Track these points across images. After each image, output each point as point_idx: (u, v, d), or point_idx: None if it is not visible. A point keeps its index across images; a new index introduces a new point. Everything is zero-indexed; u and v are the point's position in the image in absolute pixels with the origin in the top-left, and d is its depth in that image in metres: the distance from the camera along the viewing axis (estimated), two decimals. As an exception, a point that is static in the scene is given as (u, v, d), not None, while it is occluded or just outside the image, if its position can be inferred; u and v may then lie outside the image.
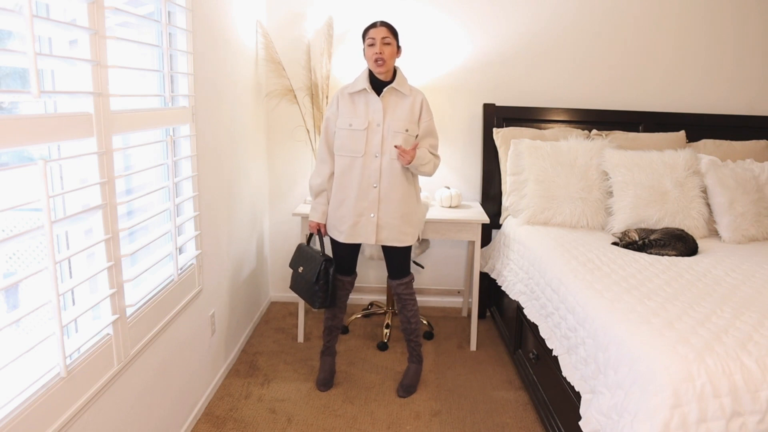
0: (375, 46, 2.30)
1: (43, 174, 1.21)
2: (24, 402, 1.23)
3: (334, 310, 2.63)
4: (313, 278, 2.45)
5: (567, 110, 3.39)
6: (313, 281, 2.45)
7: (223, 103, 2.58)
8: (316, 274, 2.44)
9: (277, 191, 3.61)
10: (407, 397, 2.56)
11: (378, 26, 2.33)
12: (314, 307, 2.50)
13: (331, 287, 2.46)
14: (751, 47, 3.42)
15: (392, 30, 2.35)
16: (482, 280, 3.40)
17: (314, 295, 2.47)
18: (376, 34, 2.30)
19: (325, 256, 2.47)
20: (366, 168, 2.38)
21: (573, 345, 2.00)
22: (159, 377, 1.95)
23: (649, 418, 1.44)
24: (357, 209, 2.41)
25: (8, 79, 1.37)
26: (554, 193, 2.96)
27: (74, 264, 1.56)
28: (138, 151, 1.91)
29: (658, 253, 2.48)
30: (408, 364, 2.67)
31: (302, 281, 2.55)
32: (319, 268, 2.43)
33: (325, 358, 2.70)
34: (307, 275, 2.50)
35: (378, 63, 2.31)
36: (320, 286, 2.44)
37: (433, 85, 3.42)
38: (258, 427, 2.33)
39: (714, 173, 2.87)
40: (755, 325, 1.68)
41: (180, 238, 2.11)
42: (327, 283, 2.45)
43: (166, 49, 1.91)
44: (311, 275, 2.47)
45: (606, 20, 3.37)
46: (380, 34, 2.30)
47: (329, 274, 2.45)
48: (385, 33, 2.31)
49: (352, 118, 2.37)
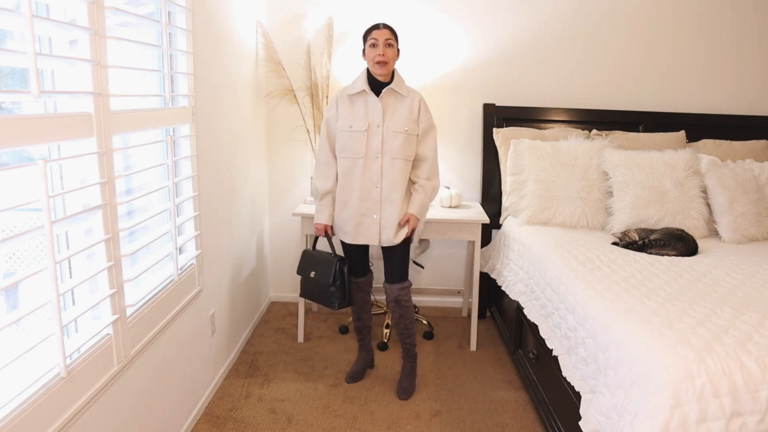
0: (377, 47, 2.31)
1: (43, 174, 1.21)
2: (24, 402, 1.23)
3: (358, 312, 2.68)
4: (329, 279, 2.47)
5: (567, 110, 3.39)
6: (329, 282, 2.48)
7: (223, 103, 2.58)
8: (332, 275, 2.47)
9: (277, 191, 3.61)
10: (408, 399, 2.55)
11: (381, 28, 2.33)
12: (333, 309, 2.52)
13: (348, 287, 2.51)
14: (751, 47, 3.43)
15: (394, 32, 2.36)
16: (482, 280, 3.40)
17: (332, 297, 2.50)
18: (379, 36, 2.31)
19: (337, 256, 2.51)
20: (368, 169, 2.39)
21: (573, 345, 2.00)
22: (159, 377, 1.95)
23: (649, 418, 1.44)
24: (360, 210, 2.42)
25: (8, 79, 1.37)
26: (554, 193, 2.96)
27: (74, 264, 1.56)
28: (138, 151, 1.91)
29: (658, 253, 2.48)
30: (403, 364, 2.66)
31: (316, 285, 2.56)
32: (334, 268, 2.47)
33: (360, 353, 2.79)
34: (322, 278, 2.52)
35: (380, 64, 2.31)
36: (337, 286, 2.48)
37: (433, 85, 3.42)
38: (258, 427, 2.33)
39: (714, 173, 2.87)
40: (755, 325, 1.68)
41: (180, 238, 2.11)
42: (343, 282, 2.49)
43: (166, 49, 1.91)
44: (326, 277, 2.49)
45: (606, 20, 3.37)
46: (383, 36, 2.30)
47: (344, 273, 2.49)
48: (388, 35, 2.31)
49: (352, 119, 2.38)
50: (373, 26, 2.36)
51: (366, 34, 2.37)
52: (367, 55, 2.36)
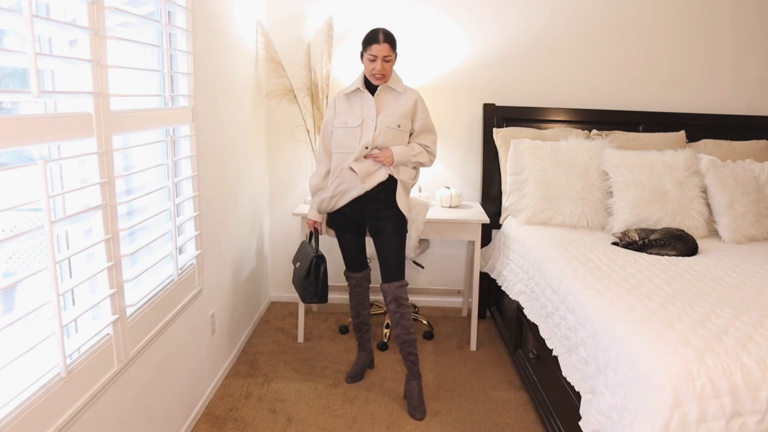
0: (376, 62, 2.31)
1: (43, 174, 1.21)
2: (24, 402, 1.23)
3: (357, 308, 2.71)
4: (304, 273, 2.57)
5: (567, 110, 3.39)
6: (303, 275, 2.58)
7: (223, 103, 2.58)
8: (306, 268, 2.56)
9: (277, 191, 3.61)
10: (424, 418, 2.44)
11: (381, 42, 2.30)
12: (304, 301, 2.64)
13: (321, 284, 2.56)
14: (751, 47, 3.42)
15: (393, 44, 2.35)
16: (482, 280, 3.40)
17: (306, 290, 2.59)
18: (378, 52, 2.30)
19: (317, 252, 2.57)
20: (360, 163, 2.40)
21: (573, 345, 2.00)
22: (159, 377, 1.95)
23: (649, 418, 1.44)
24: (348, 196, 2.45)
25: (8, 79, 1.37)
26: (554, 193, 2.96)
27: (74, 264, 1.56)
28: (138, 151, 1.91)
29: (658, 253, 2.48)
30: (409, 382, 2.51)
31: (297, 276, 2.68)
32: (310, 264, 2.55)
33: (359, 353, 2.80)
34: (301, 270, 2.62)
35: (377, 77, 2.34)
36: (311, 281, 2.56)
37: (433, 85, 3.42)
38: (258, 427, 2.33)
39: (714, 173, 2.87)
40: (755, 325, 1.68)
41: (180, 238, 2.11)
42: (317, 279, 2.55)
43: (166, 49, 1.91)
44: (303, 269, 2.59)
45: (606, 20, 3.37)
46: (382, 53, 2.30)
47: (320, 270, 2.55)
48: (387, 51, 2.31)
49: (348, 116, 2.42)
50: (372, 37, 2.32)
51: (366, 43, 2.34)
52: (366, 65, 2.37)
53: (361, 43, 2.38)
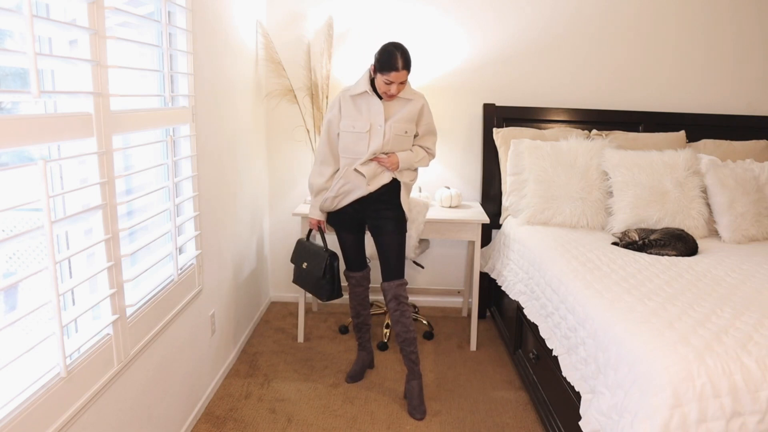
0: (392, 86, 2.28)
1: (43, 174, 1.21)
2: (24, 402, 1.23)
3: (356, 308, 2.71)
4: (320, 273, 2.55)
5: (567, 110, 3.39)
6: (320, 276, 2.56)
7: (223, 103, 2.58)
8: (322, 269, 2.54)
9: (277, 191, 3.61)
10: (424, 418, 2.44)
11: (400, 69, 2.23)
12: (322, 300, 2.62)
13: (337, 280, 2.57)
14: (751, 47, 3.42)
15: (410, 68, 2.30)
16: (482, 280, 3.40)
17: (321, 289, 2.58)
18: (395, 79, 2.25)
19: (328, 251, 2.56)
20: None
21: (573, 345, 2.00)
22: (159, 377, 1.95)
23: (649, 418, 1.44)
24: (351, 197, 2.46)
25: (8, 79, 1.37)
26: (554, 193, 2.96)
27: (74, 264, 1.56)
28: (138, 151, 1.91)
29: (658, 253, 2.48)
30: (409, 382, 2.51)
31: (308, 276, 2.65)
32: (325, 263, 2.54)
33: (359, 353, 2.80)
34: (314, 270, 2.60)
35: (388, 95, 2.32)
36: (327, 279, 2.56)
37: (433, 85, 3.42)
38: (258, 427, 2.33)
39: (714, 173, 2.87)
40: (755, 325, 1.68)
41: (180, 238, 2.11)
42: (333, 276, 2.56)
43: (166, 49, 1.90)
44: (318, 270, 2.57)
45: (606, 20, 3.37)
46: (399, 79, 2.26)
47: (335, 267, 2.56)
48: (404, 78, 2.28)
49: (355, 120, 2.39)
50: (392, 62, 2.22)
51: (383, 68, 2.24)
52: (379, 84, 2.30)
53: (377, 62, 2.27)
